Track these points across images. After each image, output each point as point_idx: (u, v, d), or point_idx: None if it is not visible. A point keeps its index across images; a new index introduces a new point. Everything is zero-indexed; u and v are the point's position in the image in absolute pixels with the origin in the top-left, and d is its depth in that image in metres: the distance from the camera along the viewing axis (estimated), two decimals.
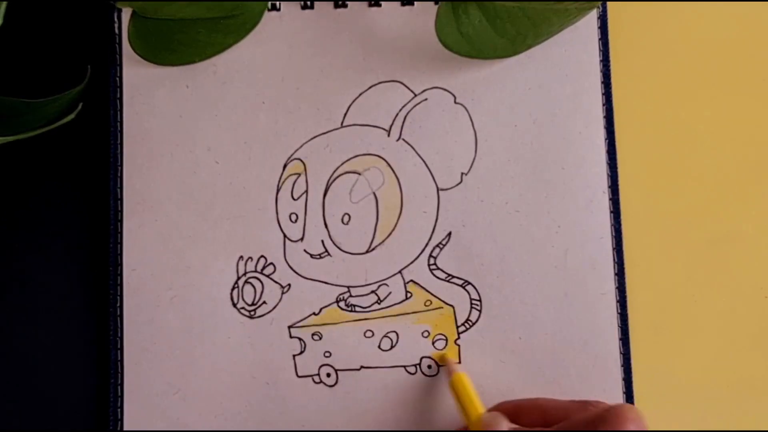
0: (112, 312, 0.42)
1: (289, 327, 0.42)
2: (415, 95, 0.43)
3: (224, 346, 0.42)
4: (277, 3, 0.44)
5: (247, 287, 0.42)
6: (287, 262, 0.42)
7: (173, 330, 0.42)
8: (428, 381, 0.42)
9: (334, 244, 0.43)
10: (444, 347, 0.42)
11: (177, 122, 0.43)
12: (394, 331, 0.42)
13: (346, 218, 0.43)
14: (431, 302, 0.42)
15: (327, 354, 0.42)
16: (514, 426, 0.37)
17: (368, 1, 0.44)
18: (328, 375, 0.42)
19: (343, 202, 0.43)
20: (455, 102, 0.43)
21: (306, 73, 0.43)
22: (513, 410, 0.39)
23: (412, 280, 0.42)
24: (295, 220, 0.43)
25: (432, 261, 0.42)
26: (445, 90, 0.43)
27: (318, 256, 0.42)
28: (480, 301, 0.42)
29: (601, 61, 0.43)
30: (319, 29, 0.43)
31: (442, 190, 0.43)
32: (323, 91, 0.43)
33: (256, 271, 0.42)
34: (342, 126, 0.43)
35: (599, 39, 0.43)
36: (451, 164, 0.43)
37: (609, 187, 0.43)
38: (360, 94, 0.43)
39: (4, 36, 0.42)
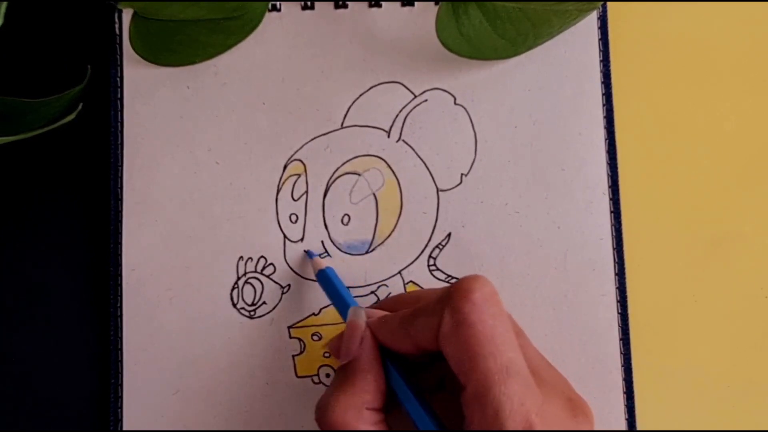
0: (112, 312, 0.42)
1: (289, 327, 0.42)
2: (415, 96, 0.43)
3: (224, 346, 0.42)
4: (278, 4, 0.44)
5: (247, 287, 0.42)
6: (287, 263, 0.43)
7: (173, 330, 0.42)
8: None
9: (334, 245, 0.43)
10: None
11: (177, 123, 0.43)
12: None
13: (346, 219, 0.43)
14: None
15: (327, 354, 0.42)
16: (377, 312, 0.36)
17: (368, 1, 0.44)
18: (328, 375, 0.42)
19: (343, 203, 0.43)
20: (455, 103, 0.43)
21: (306, 73, 0.43)
22: (392, 304, 0.38)
23: (411, 281, 0.42)
24: (295, 221, 0.43)
25: (432, 262, 0.42)
26: (445, 91, 0.43)
27: (318, 257, 0.42)
28: None
29: (601, 61, 0.43)
30: (319, 30, 0.43)
31: (442, 191, 0.43)
32: (323, 92, 0.43)
33: (256, 271, 0.42)
34: (342, 127, 0.43)
35: (599, 39, 0.43)
36: (450, 165, 0.43)
37: (609, 187, 0.43)
38: (360, 95, 0.43)
39: (4, 36, 0.42)
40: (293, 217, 0.43)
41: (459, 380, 0.32)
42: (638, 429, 0.42)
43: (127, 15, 0.43)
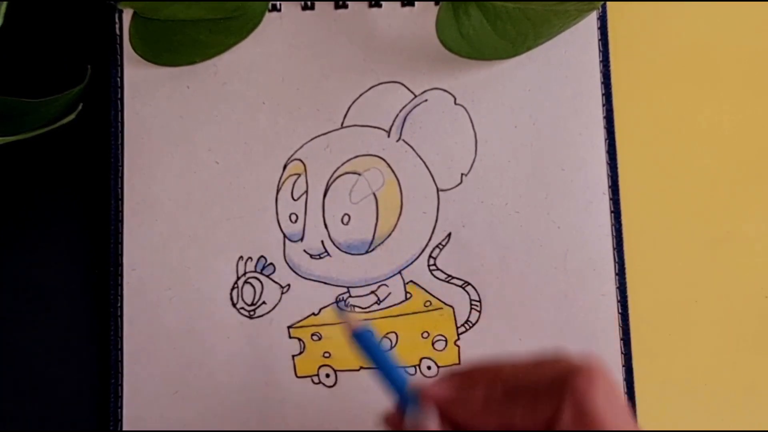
0: (112, 312, 0.42)
1: (289, 327, 0.42)
2: (416, 96, 0.43)
3: (224, 346, 0.42)
4: (278, 4, 0.44)
5: (247, 287, 0.42)
6: (287, 263, 0.43)
7: (173, 330, 0.42)
8: (427, 382, 0.42)
9: (334, 245, 0.43)
10: (444, 348, 0.42)
11: (177, 122, 0.43)
12: (394, 332, 0.42)
13: (346, 218, 0.43)
14: (431, 303, 0.42)
15: (326, 354, 0.42)
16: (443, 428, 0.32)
17: (368, 1, 0.44)
18: (327, 375, 0.42)
19: (343, 203, 0.43)
20: (455, 103, 0.43)
21: (306, 73, 0.43)
22: (465, 381, 0.32)
23: (411, 281, 0.42)
24: (295, 221, 0.43)
25: (432, 261, 0.42)
26: (446, 91, 0.43)
27: (318, 257, 0.42)
28: (480, 302, 0.42)
29: (601, 61, 0.43)
30: (319, 30, 0.43)
31: (442, 190, 0.43)
32: (323, 92, 0.43)
33: (255, 271, 0.42)
34: (342, 127, 0.43)
35: (599, 39, 0.43)
36: (451, 165, 0.43)
37: (609, 187, 0.43)
38: (360, 95, 0.43)
39: (4, 36, 0.42)
40: (293, 217, 0.43)
41: None
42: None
43: (127, 15, 0.43)
